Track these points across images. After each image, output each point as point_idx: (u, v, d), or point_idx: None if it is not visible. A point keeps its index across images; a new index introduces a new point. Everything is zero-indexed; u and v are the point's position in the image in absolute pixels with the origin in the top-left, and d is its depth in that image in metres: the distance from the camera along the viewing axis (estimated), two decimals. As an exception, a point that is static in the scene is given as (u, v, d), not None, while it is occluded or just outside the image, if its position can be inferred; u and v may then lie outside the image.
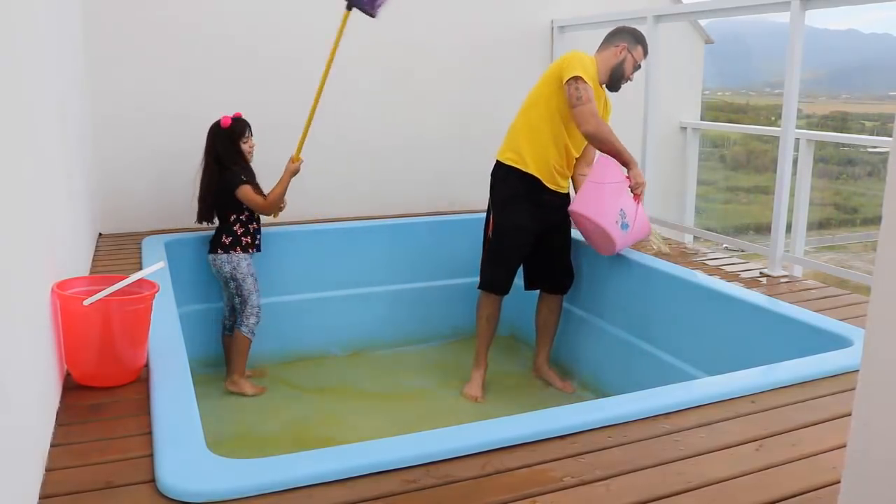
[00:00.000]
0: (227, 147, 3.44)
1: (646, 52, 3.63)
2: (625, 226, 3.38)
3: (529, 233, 3.56)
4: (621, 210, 3.37)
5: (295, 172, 3.51)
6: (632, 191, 3.39)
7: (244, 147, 3.47)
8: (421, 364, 4.09)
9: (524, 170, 3.48)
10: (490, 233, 3.60)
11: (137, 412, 1.95)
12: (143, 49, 4.04)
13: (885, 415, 1.00)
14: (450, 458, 1.75)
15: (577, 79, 3.29)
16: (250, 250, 3.52)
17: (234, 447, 2.87)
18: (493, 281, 3.59)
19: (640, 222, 3.46)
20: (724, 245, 4.92)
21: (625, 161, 3.35)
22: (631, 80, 3.62)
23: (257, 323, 3.50)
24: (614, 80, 3.53)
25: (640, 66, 3.63)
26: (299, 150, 3.54)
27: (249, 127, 3.51)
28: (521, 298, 3.81)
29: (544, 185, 3.51)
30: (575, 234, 3.80)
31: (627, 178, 3.38)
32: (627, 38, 3.55)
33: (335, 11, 4.44)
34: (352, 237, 4.18)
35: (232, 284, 3.44)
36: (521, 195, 3.50)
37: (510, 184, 3.52)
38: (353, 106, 4.52)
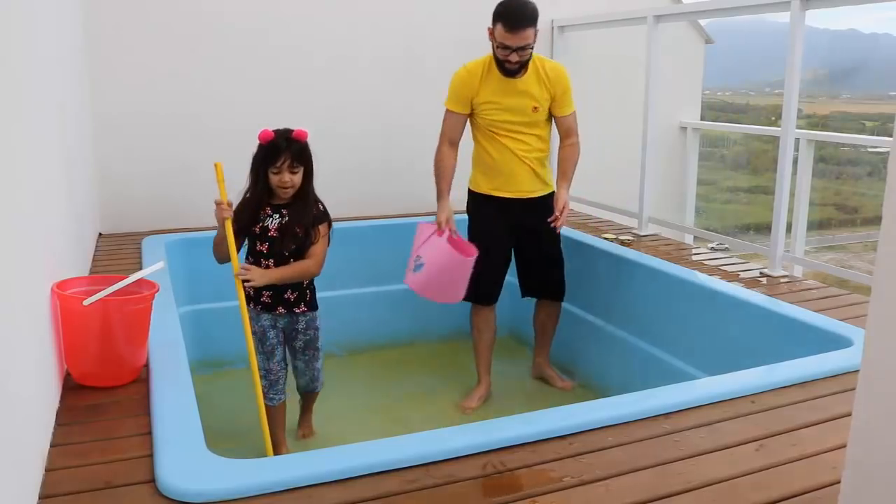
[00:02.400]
0: (253, 165, 2.69)
1: (509, 27, 3.08)
2: (418, 267, 3.19)
3: (498, 235, 3.42)
4: (417, 256, 3.23)
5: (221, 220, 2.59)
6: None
7: (273, 178, 2.65)
8: (421, 364, 4.09)
9: (475, 190, 3.49)
10: None
11: (137, 412, 1.95)
12: (144, 49, 4.05)
13: (885, 415, 1.00)
14: (450, 458, 1.75)
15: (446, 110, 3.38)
16: (251, 305, 2.76)
17: (234, 447, 2.86)
18: (477, 292, 3.37)
19: (440, 251, 3.17)
20: (710, 245, 4.82)
21: (437, 193, 3.37)
22: (510, 64, 3.17)
23: (268, 387, 2.83)
24: (500, 70, 3.25)
25: (509, 47, 3.12)
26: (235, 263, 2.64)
27: (293, 156, 2.63)
28: (518, 298, 3.80)
29: (498, 197, 3.41)
30: (567, 231, 3.79)
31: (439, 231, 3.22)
32: (493, 18, 3.18)
33: (338, 8, 4.45)
34: (352, 237, 4.18)
35: None
36: (482, 207, 3.48)
37: (471, 205, 3.54)
38: (352, 106, 4.52)
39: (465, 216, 3.55)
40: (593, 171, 5.14)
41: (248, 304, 2.71)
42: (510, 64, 3.19)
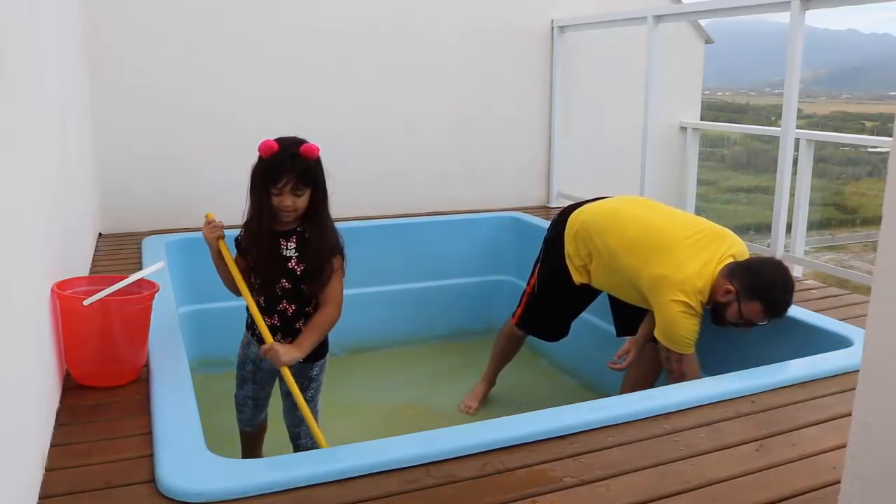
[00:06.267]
0: (252, 182, 2.20)
1: (771, 315, 2.66)
2: None
3: (568, 299, 3.34)
4: None
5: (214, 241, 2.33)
6: None
7: (274, 199, 2.16)
8: (421, 364, 4.09)
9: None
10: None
11: (137, 412, 1.95)
12: (144, 49, 4.04)
13: (885, 415, 1.00)
14: (450, 458, 1.75)
15: None
16: (247, 331, 2.45)
17: (234, 447, 2.86)
18: (529, 322, 3.44)
19: None
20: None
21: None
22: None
23: (238, 413, 2.61)
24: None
25: (751, 322, 2.71)
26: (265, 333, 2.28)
27: (298, 178, 2.18)
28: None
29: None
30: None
31: None
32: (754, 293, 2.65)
33: (340, 7, 4.45)
34: (352, 237, 4.15)
35: None
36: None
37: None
38: (352, 106, 4.52)
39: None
40: (592, 171, 5.17)
41: (246, 330, 2.46)
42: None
